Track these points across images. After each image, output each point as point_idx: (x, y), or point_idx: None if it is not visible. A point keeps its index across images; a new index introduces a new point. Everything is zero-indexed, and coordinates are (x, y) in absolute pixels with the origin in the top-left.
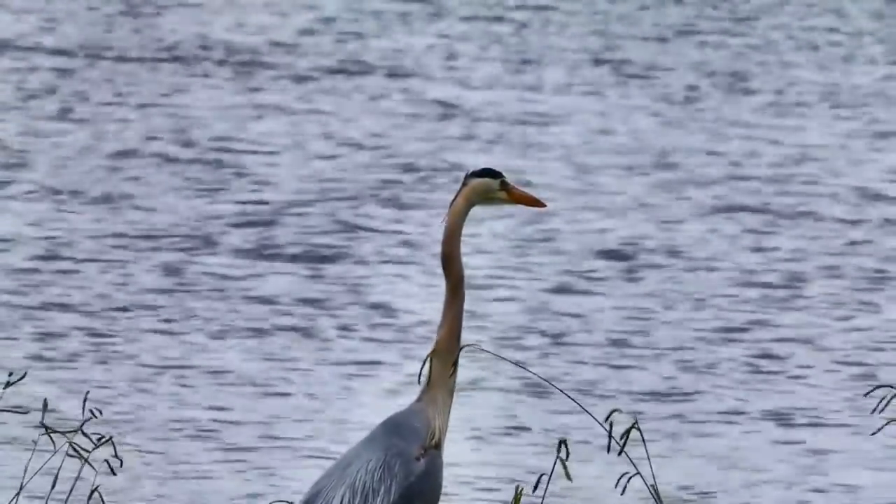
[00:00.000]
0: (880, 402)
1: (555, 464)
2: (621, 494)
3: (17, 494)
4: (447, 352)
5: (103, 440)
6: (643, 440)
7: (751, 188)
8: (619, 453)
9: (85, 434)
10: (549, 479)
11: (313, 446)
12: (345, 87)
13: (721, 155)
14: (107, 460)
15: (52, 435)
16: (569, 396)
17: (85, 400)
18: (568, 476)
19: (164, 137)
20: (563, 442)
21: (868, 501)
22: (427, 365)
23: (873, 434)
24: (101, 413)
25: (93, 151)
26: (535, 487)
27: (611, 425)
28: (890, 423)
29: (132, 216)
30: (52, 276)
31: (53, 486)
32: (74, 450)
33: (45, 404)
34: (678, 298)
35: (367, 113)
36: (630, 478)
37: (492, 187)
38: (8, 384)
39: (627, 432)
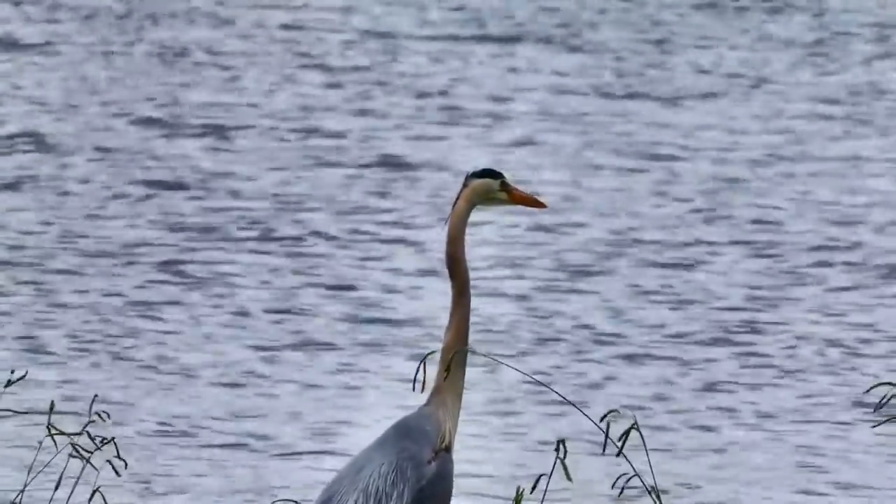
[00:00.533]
0: (882, 399)
1: (554, 464)
2: (618, 496)
3: (21, 493)
4: (454, 354)
5: (106, 441)
6: (643, 440)
7: (746, 189)
8: (618, 454)
9: (89, 436)
10: (549, 479)
11: (316, 449)
12: (344, 86)
13: (717, 155)
14: (109, 461)
15: (54, 436)
16: (564, 398)
17: (92, 403)
18: (567, 476)
19: (163, 136)
20: (561, 442)
21: (867, 500)
22: (423, 369)
23: (874, 427)
24: (109, 416)
25: (93, 151)
26: (534, 488)
27: (607, 426)
28: (889, 421)
29: (134, 216)
30: (53, 276)
31: (57, 487)
32: (77, 451)
33: (52, 406)
34: (674, 300)
35: (365, 113)
36: (629, 479)
37: (492, 188)
38: (9, 382)
39: (626, 433)
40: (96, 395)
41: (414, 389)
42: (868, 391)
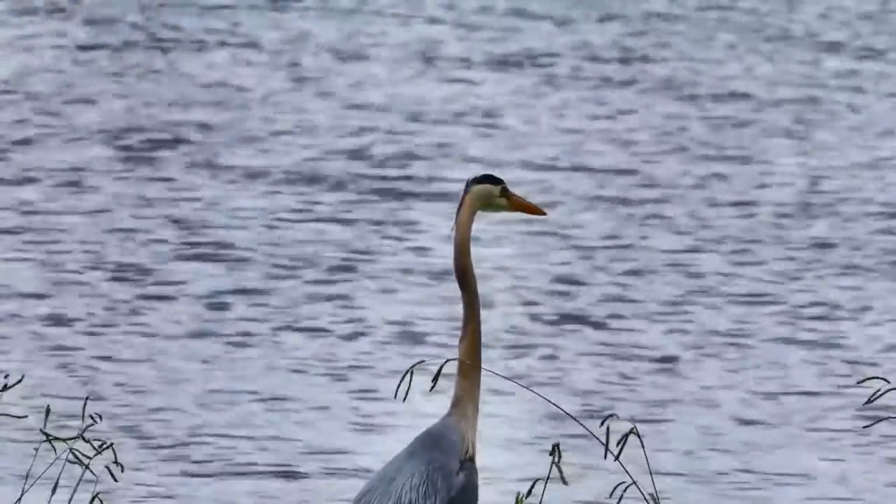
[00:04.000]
0: (873, 394)
1: (551, 468)
2: (618, 503)
3: (19, 501)
4: (471, 365)
5: (104, 446)
6: (642, 446)
7: (741, 191)
8: (615, 459)
9: (86, 440)
10: (546, 483)
11: (316, 455)
12: (345, 85)
13: (711, 155)
14: (107, 466)
15: (52, 441)
16: (558, 406)
17: (84, 406)
18: (563, 480)
19: (165, 137)
20: (556, 446)
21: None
22: (409, 379)
23: (866, 427)
24: (100, 418)
25: (92, 152)
26: (529, 492)
27: (608, 430)
28: (881, 421)
29: (135, 220)
30: (52, 279)
31: (54, 492)
32: (75, 456)
33: (48, 411)
34: (669, 302)
35: (361, 115)
36: (627, 487)
37: (493, 193)
38: (5, 387)
39: (624, 438)
40: (87, 398)
41: (396, 397)
42: (861, 383)
